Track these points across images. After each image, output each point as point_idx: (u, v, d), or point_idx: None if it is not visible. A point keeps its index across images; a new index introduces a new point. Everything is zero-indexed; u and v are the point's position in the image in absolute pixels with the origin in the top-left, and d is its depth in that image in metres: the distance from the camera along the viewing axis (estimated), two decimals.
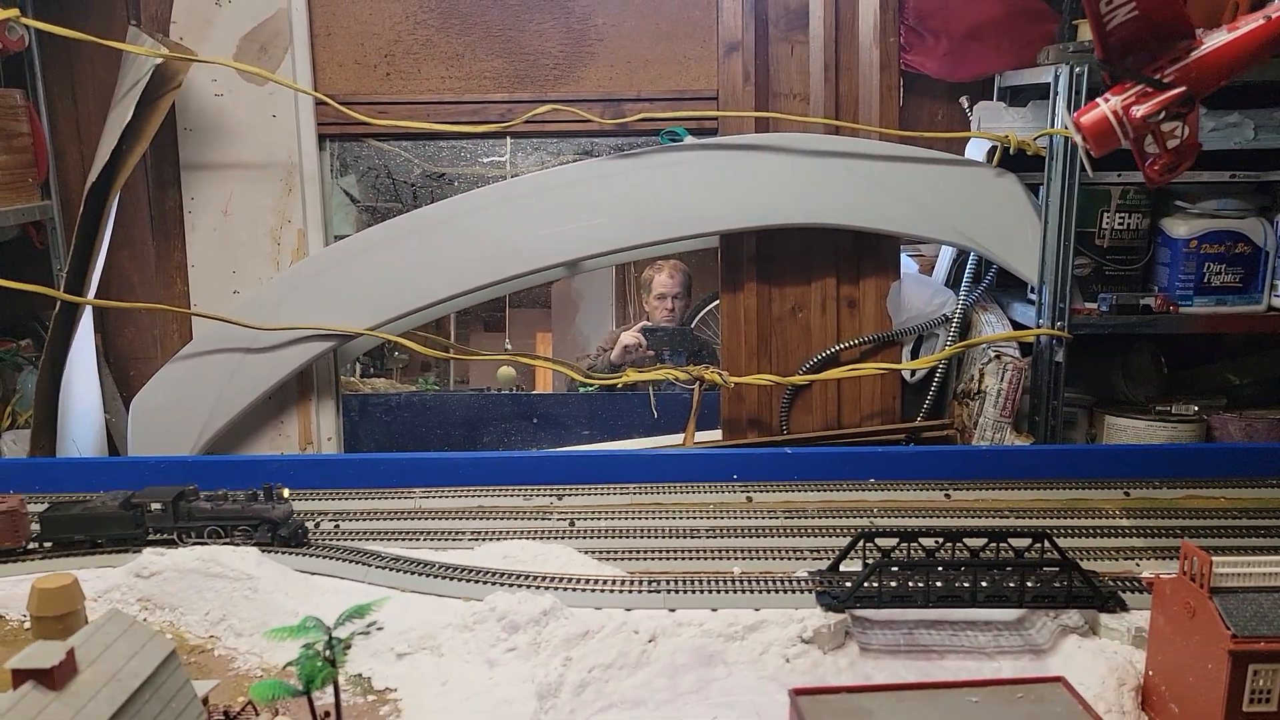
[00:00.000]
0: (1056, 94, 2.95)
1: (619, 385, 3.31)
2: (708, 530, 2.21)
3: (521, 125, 3.21)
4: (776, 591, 1.77)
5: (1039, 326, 3.09)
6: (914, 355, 3.35)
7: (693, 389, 3.23)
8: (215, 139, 3.12)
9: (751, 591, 1.78)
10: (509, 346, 6.40)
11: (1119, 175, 3.06)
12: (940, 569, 1.71)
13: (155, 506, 2.06)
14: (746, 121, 3.24)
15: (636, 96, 3.29)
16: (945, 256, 3.49)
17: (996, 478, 2.42)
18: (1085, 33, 3.10)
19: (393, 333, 3.18)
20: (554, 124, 3.26)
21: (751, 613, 1.72)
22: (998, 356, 3.11)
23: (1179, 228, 3.13)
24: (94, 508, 2.09)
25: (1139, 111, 1.66)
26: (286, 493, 2.09)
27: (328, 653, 1.33)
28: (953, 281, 3.44)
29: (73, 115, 3.27)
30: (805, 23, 3.24)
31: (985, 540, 1.76)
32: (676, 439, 3.34)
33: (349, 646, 1.36)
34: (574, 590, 1.80)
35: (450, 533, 2.18)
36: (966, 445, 3.09)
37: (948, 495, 2.32)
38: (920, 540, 1.78)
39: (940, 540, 1.77)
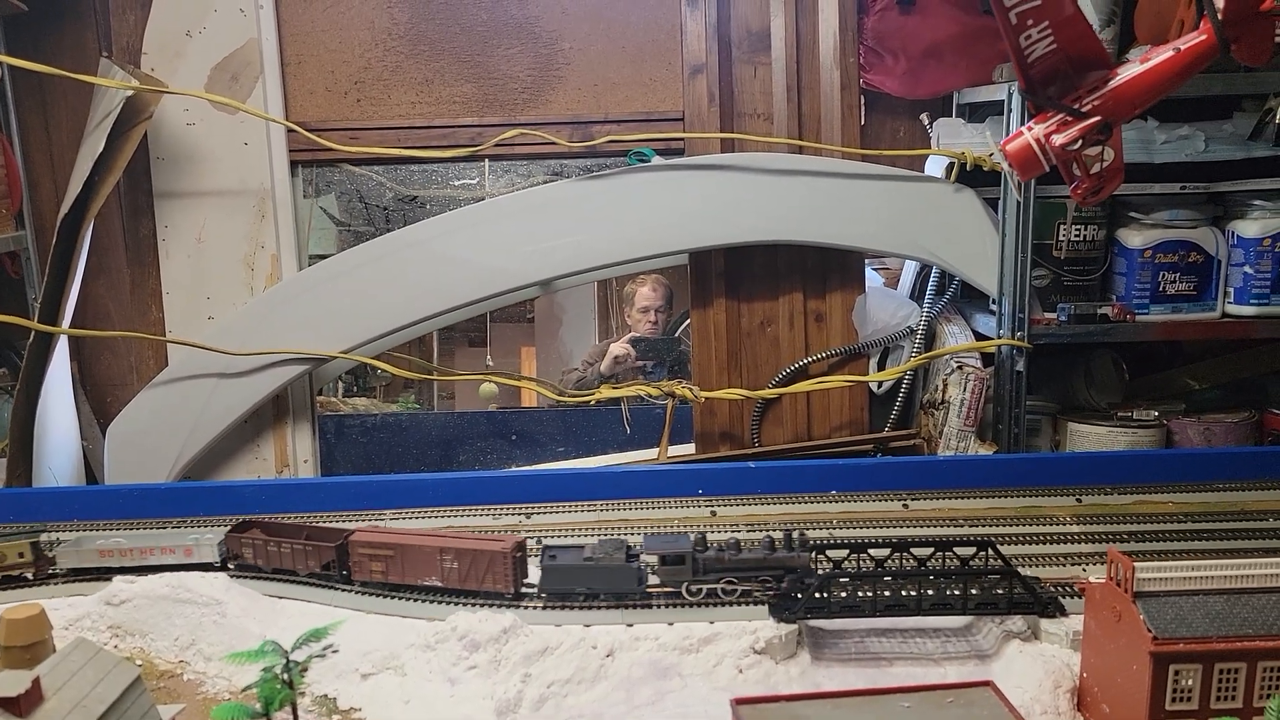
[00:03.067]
0: (1010, 111, 3.03)
1: (593, 401, 3.37)
2: None
3: (491, 149, 3.27)
4: (731, 604, 1.83)
5: (1000, 337, 3.15)
6: (880, 367, 3.41)
7: (666, 404, 3.29)
8: (188, 167, 3.17)
9: (706, 605, 1.83)
10: (490, 363, 6.45)
11: None
12: (887, 579, 1.77)
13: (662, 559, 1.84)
14: (712, 141, 3.30)
15: (604, 118, 3.35)
16: (910, 270, 3.56)
17: (954, 487, 2.48)
18: None
19: (370, 353, 3.23)
20: (523, 146, 3.32)
21: (706, 625, 1.77)
22: (960, 367, 3.18)
23: (1134, 238, 3.20)
24: (596, 559, 1.87)
25: (1058, 139, 1.73)
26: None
27: (285, 675, 1.37)
28: (917, 294, 3.50)
29: (46, 146, 3.32)
30: (767, 45, 3.31)
31: (932, 550, 1.82)
32: (652, 453, 3.40)
33: (306, 669, 1.41)
34: (534, 608, 1.85)
35: None
36: (924, 456, 3.15)
37: (905, 505, 2.38)
38: (870, 551, 1.84)
39: (889, 551, 1.83)
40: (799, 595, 1.78)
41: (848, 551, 1.82)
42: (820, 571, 1.83)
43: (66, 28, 3.22)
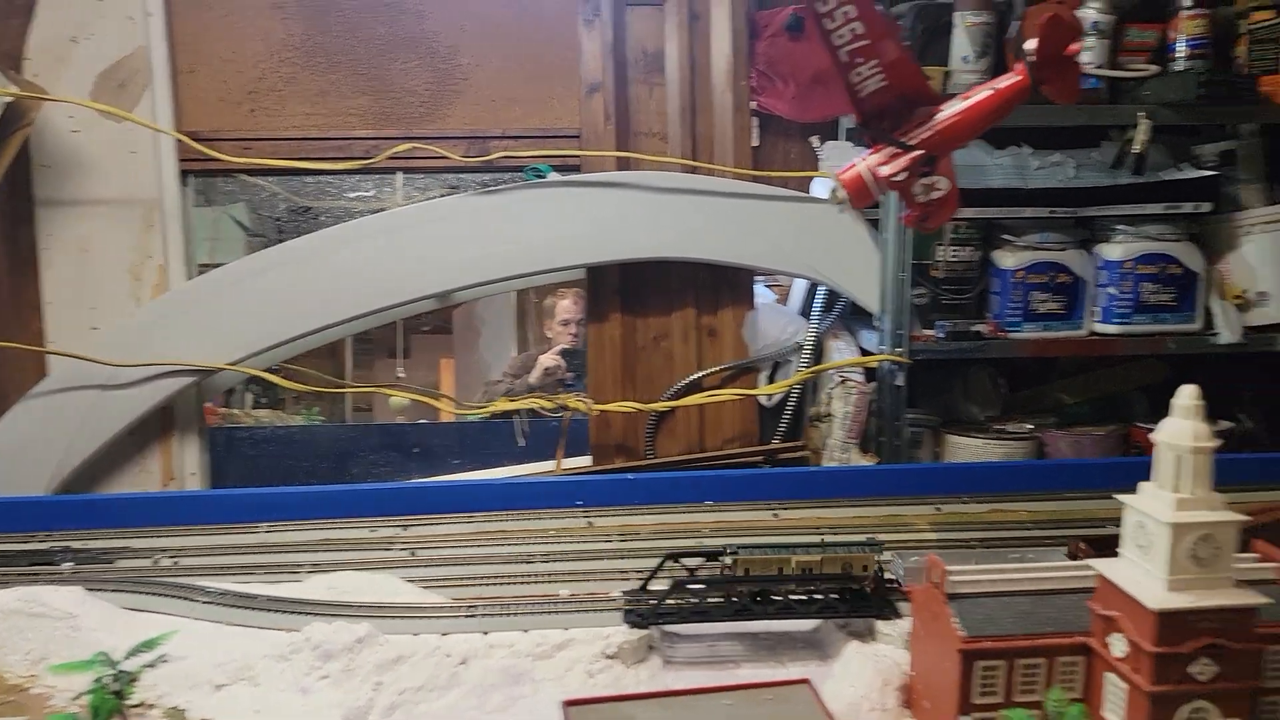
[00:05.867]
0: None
1: (490, 414, 3.40)
2: (543, 555, 2.30)
3: (386, 161, 3.28)
4: (587, 611, 1.87)
5: (881, 353, 3.27)
6: (771, 381, 3.50)
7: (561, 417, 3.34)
8: (72, 175, 3.12)
9: (564, 612, 1.87)
10: (401, 375, 6.42)
11: None
12: (736, 585, 1.84)
13: None
14: (609, 160, 3.37)
15: (501, 134, 3.40)
16: (800, 286, 3.67)
17: (824, 497, 2.56)
18: None
19: (262, 364, 3.21)
20: (419, 160, 3.35)
21: (561, 632, 1.81)
22: (844, 381, 3.29)
23: (1007, 259, 3.35)
24: None
25: (884, 171, 1.83)
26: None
27: (115, 685, 1.38)
28: (807, 311, 3.61)
29: None
30: (662, 66, 3.40)
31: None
32: (550, 465, 3.44)
33: (136, 679, 1.41)
34: (392, 618, 1.87)
35: (286, 566, 2.23)
36: (796, 467, 3.24)
37: (775, 514, 2.46)
38: (724, 559, 1.90)
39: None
40: (653, 601, 1.84)
41: (703, 559, 1.89)
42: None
43: None
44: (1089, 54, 3.23)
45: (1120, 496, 1.48)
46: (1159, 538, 1.40)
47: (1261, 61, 3.21)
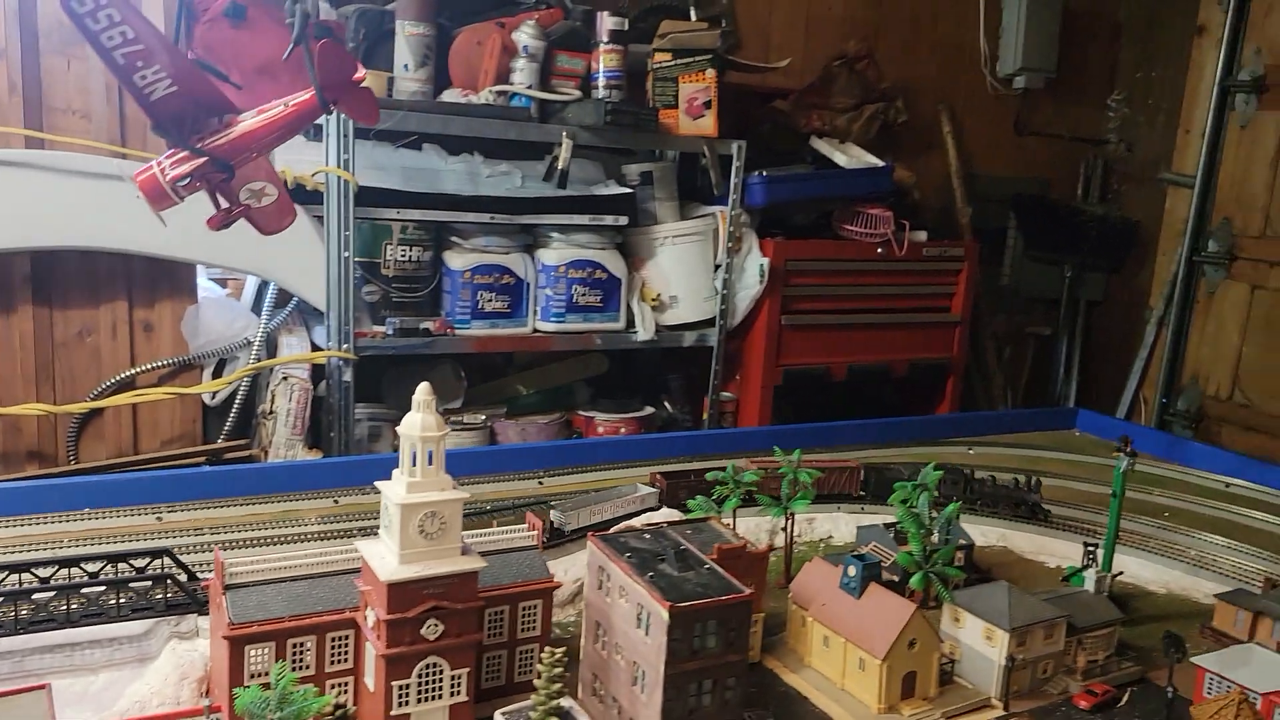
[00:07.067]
0: (328, 135, 3.20)
1: None
2: None
3: None
4: None
5: (328, 349, 3.31)
6: (216, 378, 3.39)
7: None
8: None
9: None
10: None
11: (398, 212, 3.40)
12: (36, 595, 1.75)
13: None
14: (17, 136, 3.03)
15: None
16: (252, 281, 3.59)
17: (218, 497, 2.52)
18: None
19: None
20: None
21: None
22: (286, 378, 3.28)
23: (456, 260, 3.57)
24: None
25: (171, 174, 1.86)
26: None
27: None
28: (261, 306, 3.55)
29: None
30: (81, 38, 3.12)
31: (104, 562, 1.84)
32: None
33: None
34: None
35: None
36: (183, 469, 3.14)
37: (160, 519, 2.39)
38: (35, 570, 1.81)
39: (56, 568, 1.82)
40: None
41: (5, 572, 1.77)
42: None
43: None
44: (522, 75, 3.54)
45: (379, 484, 1.64)
46: (395, 517, 1.57)
47: (663, 97, 3.75)
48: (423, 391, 1.65)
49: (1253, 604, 2.17)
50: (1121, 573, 2.31)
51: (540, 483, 2.88)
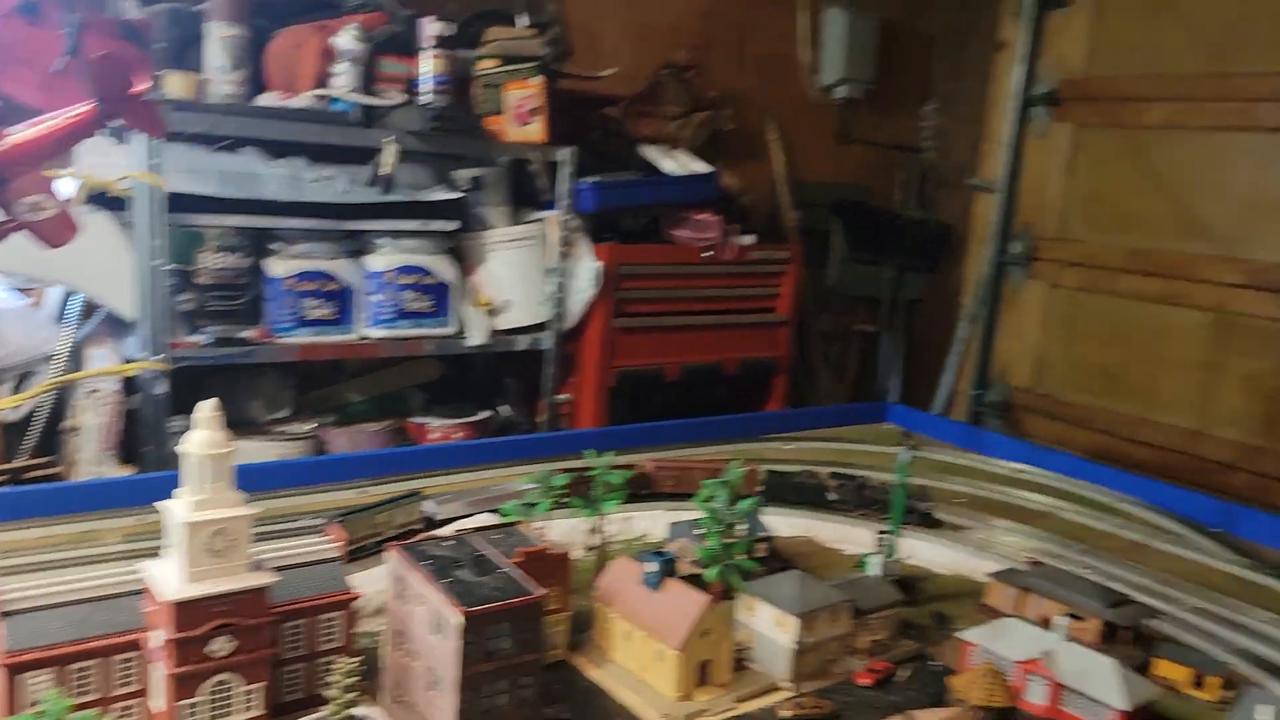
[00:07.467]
0: (134, 137, 3.08)
1: None
2: None
3: None
4: None
5: (140, 360, 3.19)
6: (18, 393, 3.21)
7: None
8: None
9: None
10: None
11: (216, 218, 3.31)
12: None
13: None
14: None
15: None
16: (57, 291, 3.42)
17: (13, 519, 2.41)
18: (173, 84, 3.30)
19: None
20: None
21: None
22: (93, 392, 3.14)
23: (277, 267, 3.49)
24: None
25: None
26: None
27: None
28: (64, 317, 3.38)
29: None
30: None
31: None
32: None
33: None
34: None
35: None
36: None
37: None
38: None
39: None
40: None
41: None
42: None
43: None
44: (344, 78, 3.50)
45: (158, 504, 1.62)
46: (180, 535, 1.56)
47: (489, 103, 3.78)
48: (208, 409, 1.63)
49: (1020, 581, 2.40)
50: (902, 559, 2.50)
51: (365, 491, 2.86)
